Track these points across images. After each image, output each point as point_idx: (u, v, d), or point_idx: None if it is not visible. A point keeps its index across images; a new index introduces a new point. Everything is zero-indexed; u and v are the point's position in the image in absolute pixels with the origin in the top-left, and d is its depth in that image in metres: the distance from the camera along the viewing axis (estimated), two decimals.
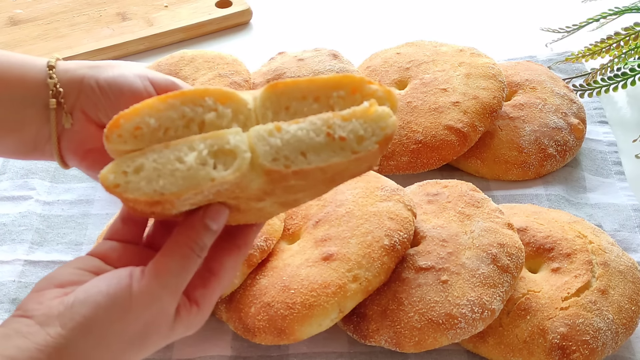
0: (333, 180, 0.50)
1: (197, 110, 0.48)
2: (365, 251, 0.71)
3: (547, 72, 1.01)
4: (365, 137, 0.47)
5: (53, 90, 0.59)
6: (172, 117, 0.48)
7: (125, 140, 0.48)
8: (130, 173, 0.47)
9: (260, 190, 0.49)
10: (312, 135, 0.47)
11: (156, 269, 0.49)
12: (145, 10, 1.20)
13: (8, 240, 0.85)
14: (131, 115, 0.48)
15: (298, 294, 0.70)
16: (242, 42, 1.18)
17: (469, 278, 0.71)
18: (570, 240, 0.77)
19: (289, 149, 0.47)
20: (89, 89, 0.59)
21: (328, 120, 0.47)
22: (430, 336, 0.69)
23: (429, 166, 0.91)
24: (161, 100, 0.48)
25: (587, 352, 0.69)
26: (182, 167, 0.47)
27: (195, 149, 0.47)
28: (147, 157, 0.47)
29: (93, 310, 0.48)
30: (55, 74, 0.59)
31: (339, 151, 0.47)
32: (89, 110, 0.59)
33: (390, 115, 0.48)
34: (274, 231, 0.75)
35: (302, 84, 0.49)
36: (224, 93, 0.49)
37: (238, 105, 0.49)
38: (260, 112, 0.49)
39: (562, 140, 0.92)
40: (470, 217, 0.76)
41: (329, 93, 0.48)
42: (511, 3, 1.27)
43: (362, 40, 1.18)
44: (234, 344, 0.74)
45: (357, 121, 0.47)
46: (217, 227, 0.50)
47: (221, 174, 0.47)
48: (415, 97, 0.94)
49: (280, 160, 0.47)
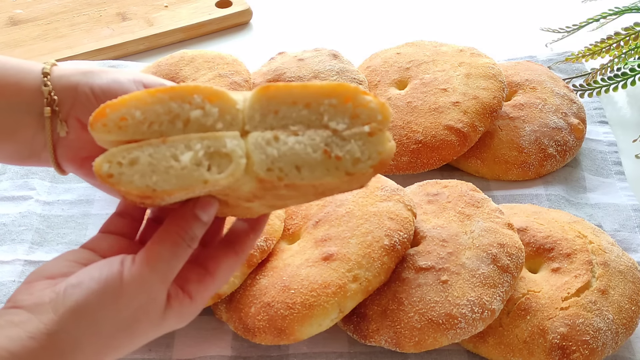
0: (323, 193, 0.51)
1: (184, 107, 0.49)
2: (365, 251, 0.71)
3: (547, 72, 1.01)
4: (361, 160, 0.47)
5: (48, 98, 0.58)
6: (158, 111, 0.48)
7: (109, 130, 0.48)
8: (125, 165, 0.47)
9: (251, 194, 0.50)
10: (309, 151, 0.47)
11: (147, 256, 0.50)
12: (145, 10, 1.20)
13: (8, 240, 0.85)
14: (118, 106, 0.48)
15: (298, 294, 0.70)
16: (242, 42, 1.18)
17: (469, 278, 0.71)
18: (570, 240, 0.77)
19: (284, 161, 0.47)
20: (83, 96, 0.58)
21: (327, 137, 0.47)
22: (430, 336, 0.69)
23: (429, 166, 0.91)
24: (150, 93, 0.49)
25: (587, 352, 0.69)
26: (176, 166, 0.47)
27: (192, 148, 0.47)
28: (144, 150, 0.47)
29: (85, 295, 0.49)
30: (50, 80, 0.58)
31: (333, 170, 0.47)
32: (83, 118, 0.58)
33: (389, 140, 0.48)
34: (274, 231, 0.76)
35: (295, 90, 0.48)
36: (214, 92, 0.49)
37: (227, 104, 0.49)
38: (248, 114, 0.49)
39: (562, 140, 0.92)
40: (470, 217, 0.76)
41: (321, 100, 0.48)
42: (511, 3, 1.28)
43: (362, 40, 1.18)
44: (234, 344, 0.74)
45: (355, 142, 0.47)
46: (207, 219, 0.51)
47: (214, 177, 0.47)
48: (415, 97, 0.94)
49: (274, 171, 0.47)
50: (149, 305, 0.50)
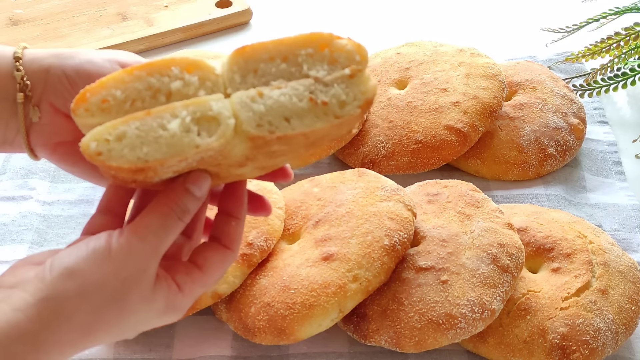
0: (314, 144, 0.51)
1: (164, 80, 0.49)
2: (365, 251, 0.71)
3: (547, 72, 1.01)
4: (347, 102, 0.48)
5: (20, 84, 0.56)
6: (139, 88, 0.48)
7: (92, 113, 0.48)
8: (112, 141, 0.47)
9: (243, 156, 0.49)
10: (294, 101, 0.48)
11: (135, 226, 0.49)
12: (145, 10, 1.20)
13: (8, 240, 0.85)
14: (98, 89, 0.48)
15: (298, 294, 0.70)
16: (242, 42, 1.17)
17: (469, 278, 0.71)
18: (570, 240, 0.77)
19: (272, 115, 0.47)
20: (55, 79, 0.56)
21: (310, 86, 0.48)
22: (430, 336, 0.69)
23: (429, 166, 0.91)
24: (127, 72, 0.49)
25: (587, 352, 0.69)
26: (165, 134, 0.47)
27: (178, 115, 0.47)
28: (129, 125, 0.47)
29: (73, 260, 0.48)
30: (22, 65, 0.56)
31: (322, 116, 0.48)
32: (56, 102, 0.57)
33: (369, 79, 0.48)
34: (274, 231, 0.76)
35: (269, 45, 0.49)
36: (190, 61, 0.49)
37: (205, 72, 0.49)
38: (228, 77, 0.49)
39: (562, 140, 0.92)
40: (470, 217, 0.76)
41: (297, 51, 0.49)
42: (511, 3, 1.28)
43: (362, 40, 1.17)
44: (234, 344, 0.74)
45: (338, 86, 0.48)
46: (200, 193, 0.51)
47: (205, 141, 0.47)
48: (415, 97, 0.94)
49: (264, 126, 0.47)
50: (138, 276, 0.49)
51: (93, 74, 0.55)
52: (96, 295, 0.48)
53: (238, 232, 0.54)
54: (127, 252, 0.49)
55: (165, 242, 0.50)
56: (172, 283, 0.51)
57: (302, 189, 0.82)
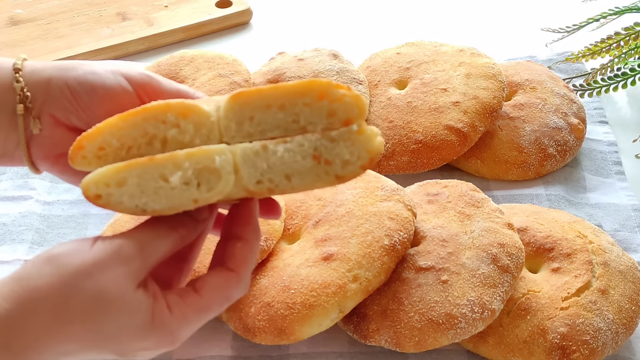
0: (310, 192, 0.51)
1: (159, 127, 0.48)
2: (366, 251, 0.71)
3: (547, 72, 1.01)
4: (350, 162, 0.47)
5: (20, 95, 0.55)
6: (134, 135, 0.48)
7: (89, 161, 0.49)
8: (112, 186, 0.47)
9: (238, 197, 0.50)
10: (298, 159, 0.47)
11: (123, 232, 0.50)
12: (145, 10, 1.20)
13: (8, 240, 0.85)
14: (94, 136, 0.48)
15: (298, 294, 0.70)
16: (242, 42, 1.18)
17: (469, 278, 0.71)
18: (570, 240, 0.77)
19: (274, 172, 0.47)
20: (57, 91, 0.56)
21: (315, 142, 0.47)
22: (430, 336, 0.69)
23: (429, 166, 0.91)
24: (122, 118, 0.49)
25: (587, 352, 0.69)
26: (166, 186, 0.47)
27: (181, 166, 0.47)
28: (131, 171, 0.47)
29: (57, 249, 0.48)
30: (22, 76, 0.56)
31: (323, 175, 0.47)
32: (57, 114, 0.56)
33: (376, 135, 0.47)
34: (274, 231, 0.76)
35: (266, 93, 0.47)
36: (185, 106, 0.48)
37: (200, 118, 0.48)
38: (223, 124, 0.48)
39: (562, 140, 0.92)
40: (470, 217, 0.76)
41: (295, 101, 0.47)
42: (511, 3, 1.28)
43: (362, 40, 1.18)
44: (234, 344, 0.74)
45: (344, 143, 0.47)
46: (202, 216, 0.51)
47: (204, 196, 0.47)
48: (415, 97, 0.94)
49: (264, 183, 0.47)
50: (118, 267, 0.47)
51: (96, 85, 0.55)
52: (72, 279, 0.47)
53: (245, 254, 0.52)
54: (109, 246, 0.48)
55: (155, 246, 0.50)
56: (162, 299, 0.50)
57: None
